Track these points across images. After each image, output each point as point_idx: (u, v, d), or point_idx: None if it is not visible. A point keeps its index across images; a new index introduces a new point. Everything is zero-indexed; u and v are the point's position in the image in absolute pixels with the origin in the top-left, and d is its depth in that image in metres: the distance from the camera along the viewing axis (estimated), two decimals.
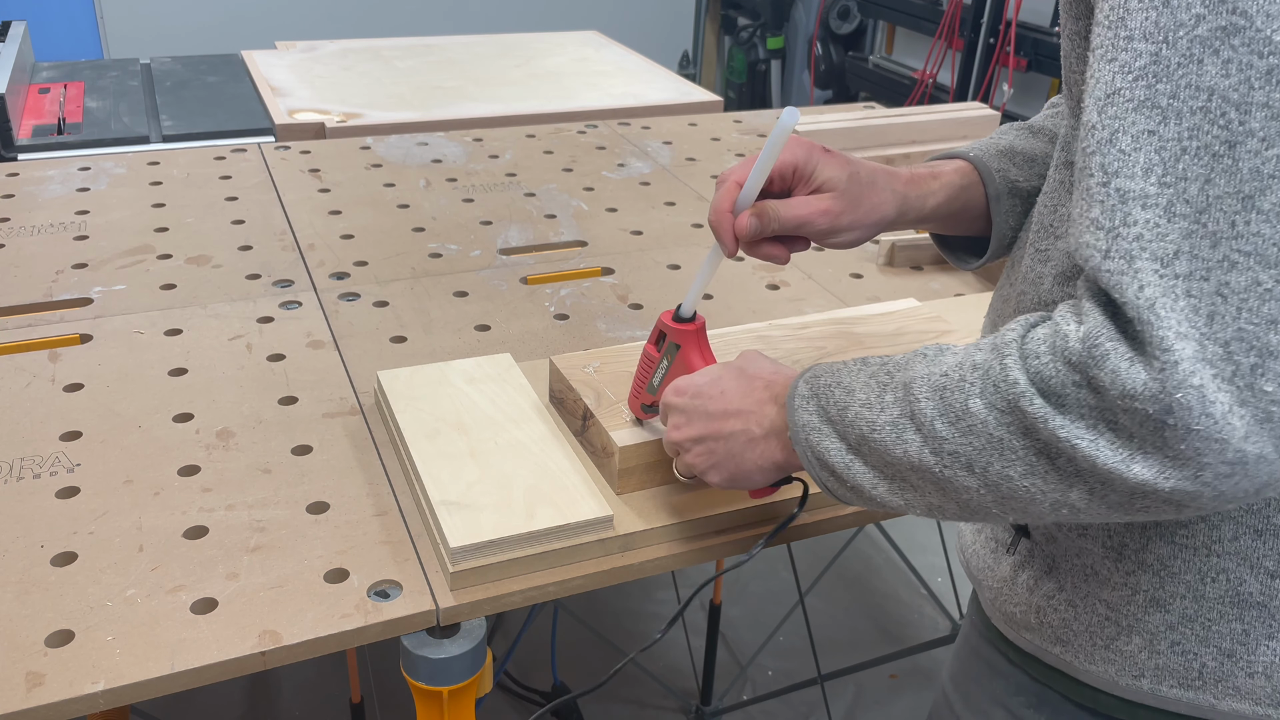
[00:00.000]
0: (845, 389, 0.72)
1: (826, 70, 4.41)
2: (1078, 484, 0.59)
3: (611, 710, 2.10)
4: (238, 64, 2.35)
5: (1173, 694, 0.74)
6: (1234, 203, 0.54)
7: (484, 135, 1.94)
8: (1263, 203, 0.53)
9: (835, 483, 0.73)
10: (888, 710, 2.16)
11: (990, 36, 3.42)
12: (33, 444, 1.02)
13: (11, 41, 2.11)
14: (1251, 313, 0.53)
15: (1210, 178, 0.54)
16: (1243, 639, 0.71)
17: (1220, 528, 0.69)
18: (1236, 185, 0.54)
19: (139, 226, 1.50)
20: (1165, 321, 0.54)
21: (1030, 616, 0.80)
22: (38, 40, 2.62)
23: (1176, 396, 0.53)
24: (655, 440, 0.94)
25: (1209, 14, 0.54)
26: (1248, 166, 0.53)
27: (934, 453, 0.65)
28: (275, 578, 0.86)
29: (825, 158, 0.85)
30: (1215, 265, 0.54)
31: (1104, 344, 0.56)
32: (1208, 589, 0.70)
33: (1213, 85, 0.54)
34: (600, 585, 0.91)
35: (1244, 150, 0.53)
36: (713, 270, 0.89)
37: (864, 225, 0.86)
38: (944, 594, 2.43)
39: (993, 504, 0.65)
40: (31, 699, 0.74)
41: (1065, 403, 0.58)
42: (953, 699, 0.92)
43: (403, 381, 1.06)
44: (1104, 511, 0.60)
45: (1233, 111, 0.53)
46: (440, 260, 1.44)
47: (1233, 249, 0.54)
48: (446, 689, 0.86)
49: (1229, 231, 0.54)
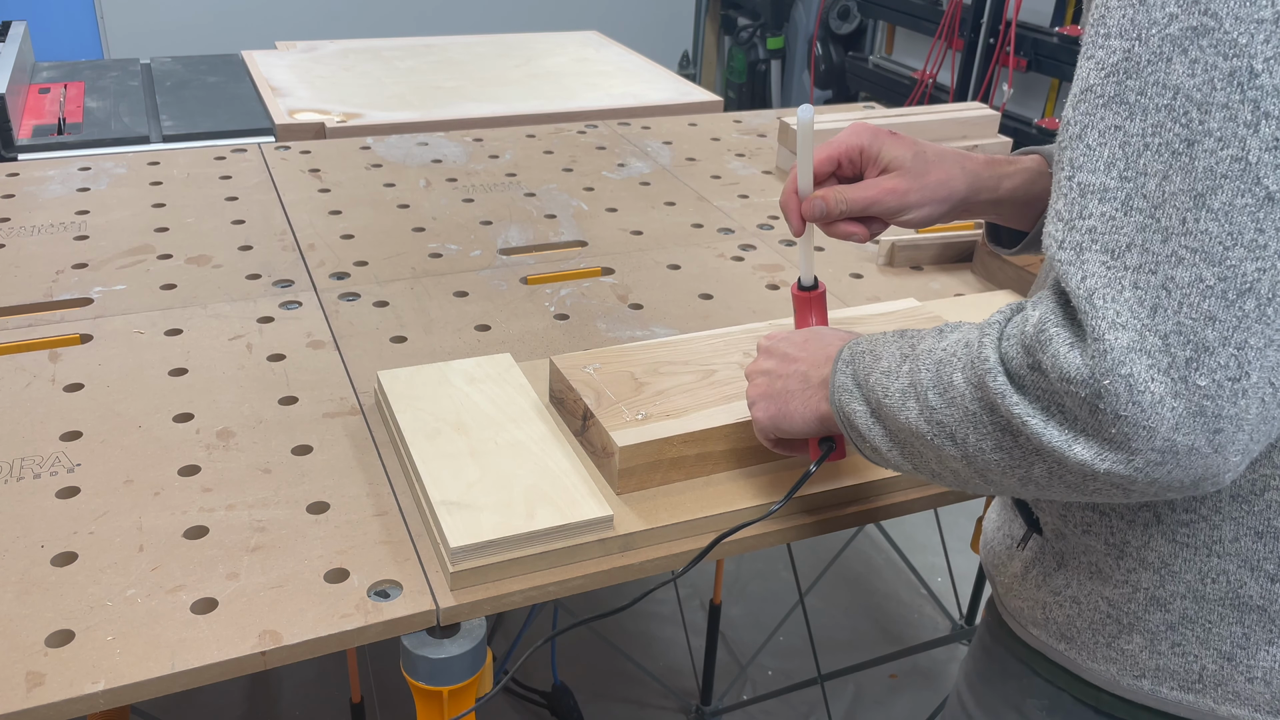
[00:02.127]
0: (874, 356, 0.75)
1: (826, 70, 4.41)
2: (1038, 461, 0.62)
3: (611, 710, 2.10)
4: (238, 64, 2.35)
5: (1173, 696, 0.74)
6: (1187, 200, 0.55)
7: (484, 135, 1.94)
8: (1213, 201, 0.54)
9: (860, 441, 0.77)
10: (888, 710, 2.16)
11: (990, 36, 3.42)
12: (33, 444, 1.02)
13: (11, 41, 2.11)
14: (1192, 308, 0.54)
15: (1168, 174, 0.55)
16: (1243, 643, 0.71)
17: (1221, 528, 0.69)
18: (1191, 183, 0.55)
19: (139, 226, 1.50)
20: (1101, 312, 0.56)
21: (1037, 612, 0.80)
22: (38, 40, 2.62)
23: (1105, 383, 0.55)
24: (655, 440, 0.94)
25: (1181, 13, 0.55)
26: (1203, 165, 0.54)
27: (927, 421, 0.68)
28: (275, 578, 0.86)
29: (891, 140, 0.90)
30: (1164, 260, 0.55)
31: (1049, 329, 0.58)
32: (1208, 590, 0.70)
33: (1179, 84, 0.55)
34: (600, 585, 0.91)
35: (1201, 149, 0.54)
36: (807, 246, 0.94)
37: (933, 201, 0.90)
38: (944, 594, 2.43)
39: (974, 474, 0.67)
40: (32, 699, 0.74)
41: (1023, 384, 0.60)
42: (966, 699, 0.92)
43: (403, 381, 1.06)
44: (1064, 489, 0.63)
45: (1195, 111, 0.54)
46: (440, 260, 1.44)
47: (1181, 245, 0.55)
48: (446, 689, 0.86)
49: (1179, 228, 0.55)
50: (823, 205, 0.90)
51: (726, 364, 1.05)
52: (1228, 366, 0.54)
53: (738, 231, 1.58)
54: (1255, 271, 0.54)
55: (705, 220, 1.61)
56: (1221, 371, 0.54)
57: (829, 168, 0.92)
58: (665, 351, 1.07)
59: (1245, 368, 0.54)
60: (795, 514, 0.97)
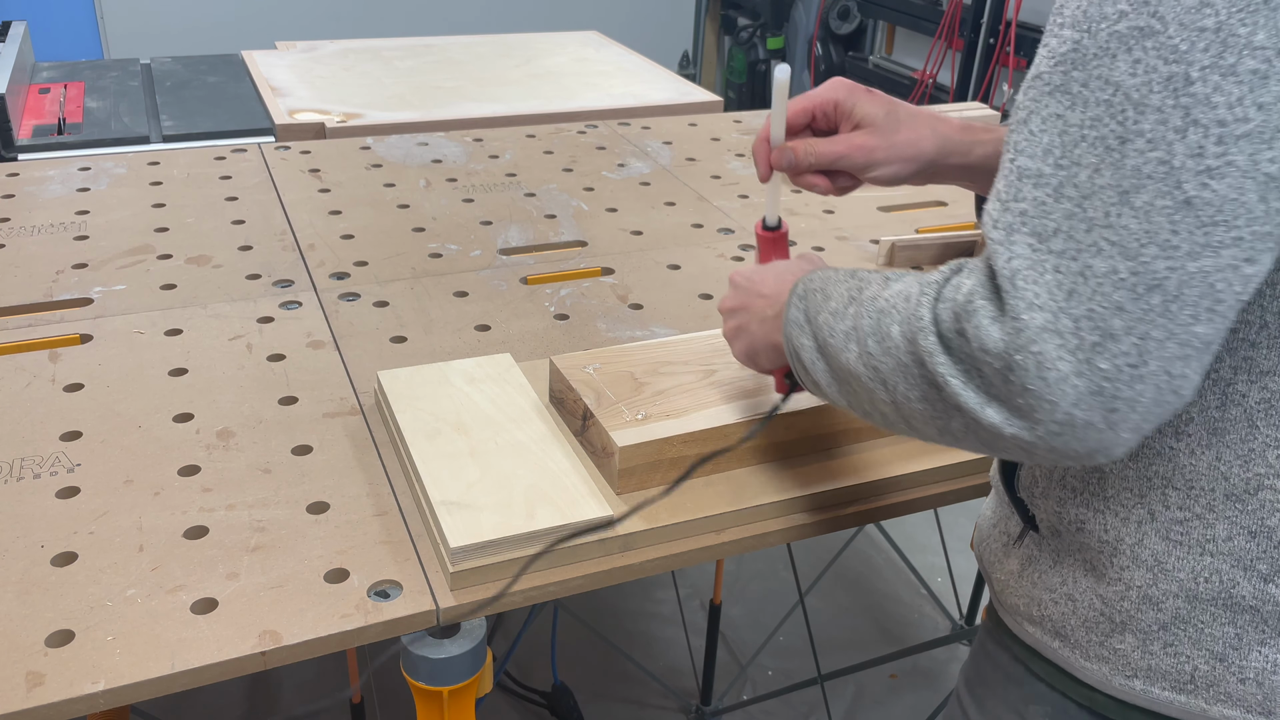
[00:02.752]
0: (825, 295, 0.78)
1: (826, 70, 4.41)
2: (956, 416, 0.65)
3: (611, 710, 2.10)
4: (238, 64, 2.35)
5: (1164, 696, 0.74)
6: (1113, 195, 0.57)
7: (484, 135, 1.94)
8: (1136, 200, 0.56)
9: (804, 375, 0.80)
10: (888, 710, 2.16)
11: (990, 36, 3.42)
12: (33, 444, 1.02)
13: (11, 41, 2.11)
14: (1104, 297, 0.58)
15: (1099, 167, 0.58)
16: (1235, 643, 0.71)
17: (1215, 527, 0.69)
18: (1118, 179, 0.57)
19: (139, 226, 1.50)
20: (1022, 292, 0.59)
21: (1033, 609, 0.80)
22: (38, 40, 2.62)
23: (1017, 358, 0.59)
24: (655, 440, 0.94)
25: (1131, 11, 0.56)
26: (1131, 164, 0.56)
27: (864, 365, 0.71)
28: (275, 578, 0.86)
29: (866, 96, 0.94)
30: (1085, 249, 0.58)
31: (977, 301, 0.62)
32: (1201, 589, 0.70)
33: (1120, 81, 0.57)
34: (600, 585, 0.91)
35: (1131, 148, 0.56)
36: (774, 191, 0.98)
37: (900, 160, 0.93)
38: (944, 594, 2.43)
39: (899, 419, 0.71)
40: (32, 699, 0.75)
41: (950, 346, 0.64)
42: (966, 703, 0.92)
43: (403, 381, 1.06)
44: (977, 444, 0.67)
45: (1131, 109, 0.56)
46: (440, 260, 1.44)
47: (1102, 237, 0.58)
48: (446, 689, 0.86)
49: (1103, 220, 0.58)
50: (791, 156, 0.93)
51: (726, 364, 1.05)
52: (1129, 354, 0.58)
53: (738, 231, 1.58)
54: (1166, 270, 0.56)
55: (705, 220, 1.61)
56: (1123, 358, 0.58)
57: (804, 119, 0.95)
58: (665, 351, 1.07)
59: (1145, 356, 0.58)
60: (795, 514, 0.97)
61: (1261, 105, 0.54)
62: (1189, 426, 0.69)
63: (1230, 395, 0.67)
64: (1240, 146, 0.55)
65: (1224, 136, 0.55)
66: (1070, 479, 0.76)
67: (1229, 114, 0.54)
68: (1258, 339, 0.65)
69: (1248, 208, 0.55)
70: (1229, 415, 0.67)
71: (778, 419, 0.99)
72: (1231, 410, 0.67)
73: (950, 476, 1.04)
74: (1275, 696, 0.71)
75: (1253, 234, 0.56)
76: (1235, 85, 0.54)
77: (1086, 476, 0.75)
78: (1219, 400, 0.67)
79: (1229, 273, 0.56)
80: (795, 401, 1.00)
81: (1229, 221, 0.55)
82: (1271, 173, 0.55)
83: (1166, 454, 0.70)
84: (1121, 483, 0.73)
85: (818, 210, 1.66)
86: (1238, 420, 0.67)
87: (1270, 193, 0.55)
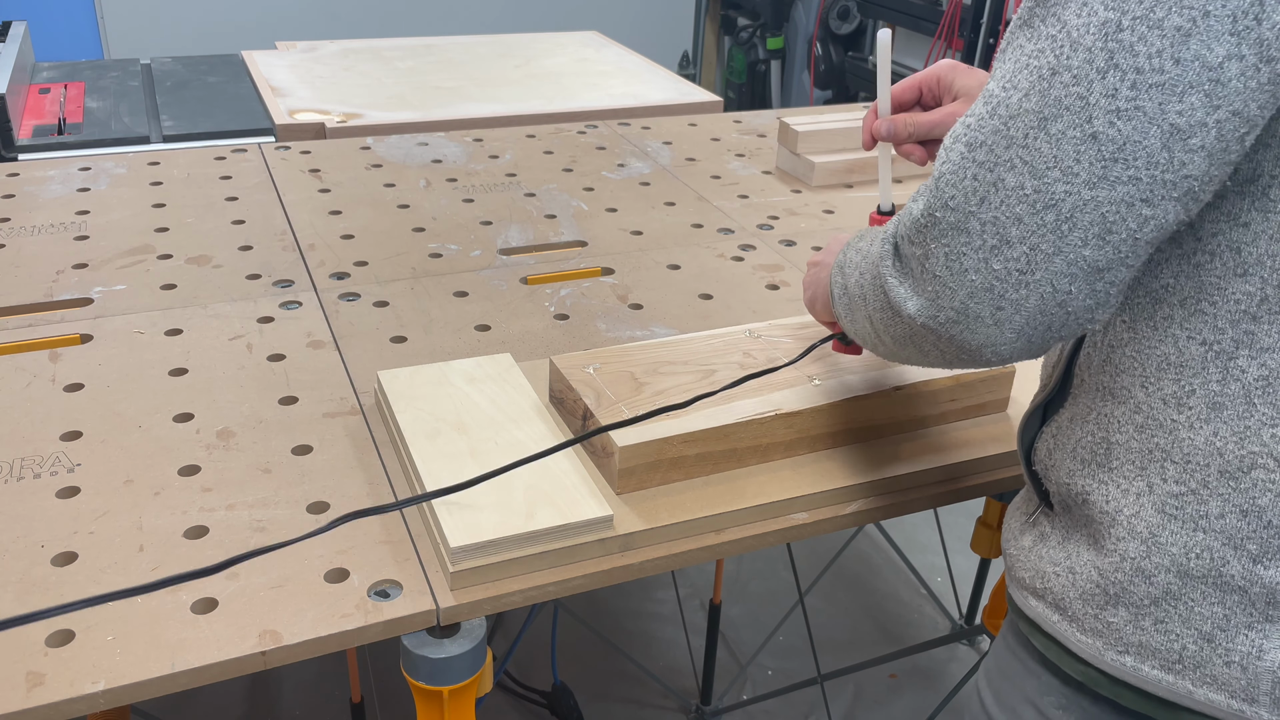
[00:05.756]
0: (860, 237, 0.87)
1: (826, 70, 4.41)
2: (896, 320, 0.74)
3: (611, 710, 2.11)
4: (238, 64, 2.35)
5: (1153, 675, 0.74)
6: (1034, 119, 0.63)
7: (484, 135, 1.94)
8: (1051, 127, 0.62)
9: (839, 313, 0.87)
10: (888, 710, 2.16)
11: (990, 36, 3.42)
12: (33, 444, 1.02)
13: (11, 41, 2.11)
14: (1007, 207, 0.64)
15: (1029, 93, 0.63)
16: (1223, 624, 0.71)
17: (1209, 503, 0.70)
18: (1041, 106, 0.63)
19: (139, 226, 1.50)
20: (942, 193, 0.67)
21: (1037, 582, 0.82)
22: (38, 40, 2.62)
23: (931, 247, 0.68)
24: (655, 440, 0.94)
25: None
26: (1054, 95, 0.62)
27: (858, 287, 0.81)
28: (275, 578, 0.86)
29: (966, 71, 1.03)
30: (1001, 162, 0.64)
31: (915, 202, 0.70)
32: (1192, 565, 0.71)
33: (1067, 19, 0.62)
34: (600, 585, 0.91)
35: (1058, 80, 0.62)
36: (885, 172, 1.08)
37: None
38: (944, 594, 2.43)
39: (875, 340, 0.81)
40: (32, 699, 0.75)
41: (898, 253, 0.73)
42: (984, 694, 0.93)
43: (403, 381, 1.06)
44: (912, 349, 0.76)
45: (1068, 46, 0.62)
46: (440, 260, 1.44)
47: (1017, 155, 0.64)
48: (446, 689, 0.86)
49: (1021, 140, 0.64)
50: (890, 125, 1.04)
51: (726, 364, 1.05)
52: (1019, 260, 0.65)
53: (738, 231, 1.58)
54: (1063, 192, 0.63)
55: (705, 220, 1.61)
56: (1013, 263, 0.65)
57: (912, 95, 1.05)
58: (665, 351, 1.07)
59: (1032, 266, 0.65)
60: (795, 514, 0.97)
61: (1179, 60, 0.58)
62: (1190, 399, 0.70)
63: (1231, 370, 0.68)
64: (1151, 95, 0.59)
65: (1138, 83, 0.59)
66: (1080, 449, 0.77)
67: (1148, 63, 0.59)
68: (1259, 313, 0.66)
69: (1149, 151, 0.60)
70: (1228, 390, 0.68)
71: (778, 419, 0.99)
72: (1231, 385, 0.68)
73: (950, 476, 1.04)
74: (1259, 683, 0.71)
75: (1151, 178, 0.61)
76: (1159, 38, 0.58)
77: (1095, 447, 0.76)
78: (1220, 374, 0.68)
79: (1122, 208, 0.62)
80: (795, 401, 1.00)
81: (1128, 159, 0.61)
82: (1178, 124, 0.59)
83: (1168, 426, 0.71)
84: (1126, 454, 0.74)
85: (818, 210, 1.66)
86: (1236, 396, 0.68)
87: (1174, 142, 0.60)
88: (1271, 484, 0.68)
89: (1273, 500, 0.68)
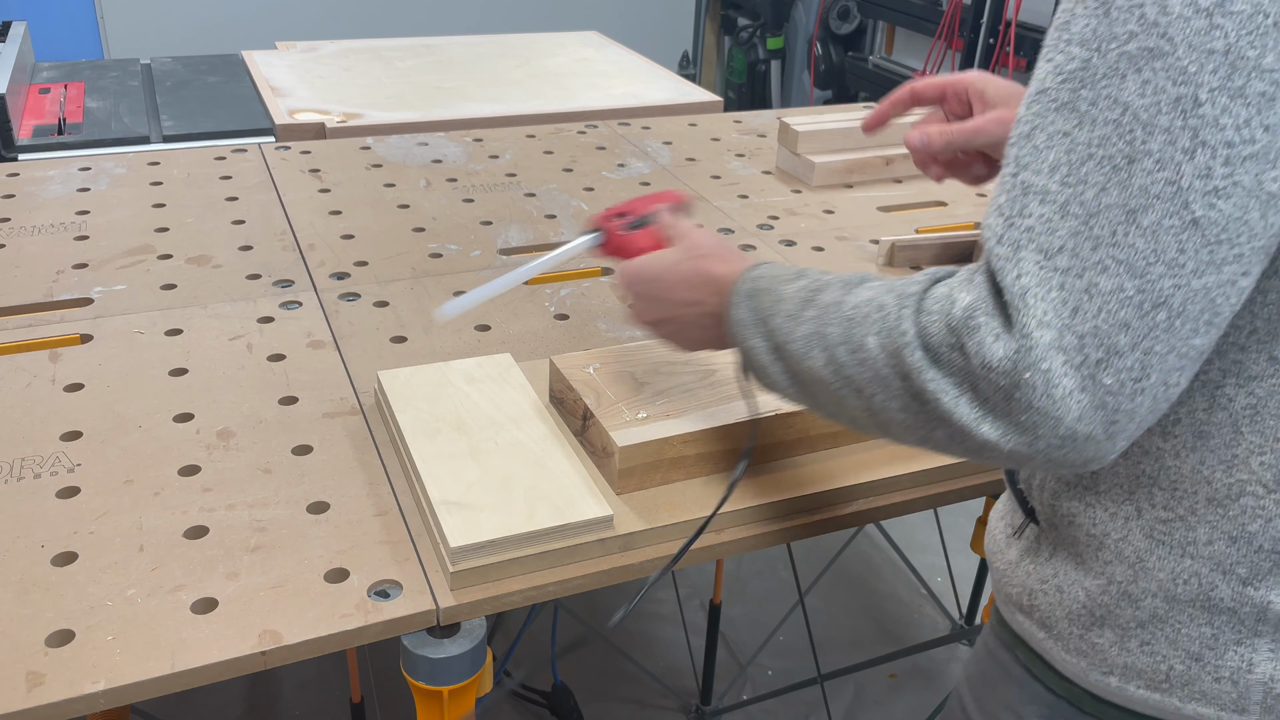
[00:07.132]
0: (776, 297, 0.78)
1: (826, 70, 4.41)
2: (940, 427, 0.66)
3: (611, 710, 2.11)
4: (238, 64, 2.35)
5: (1139, 694, 0.74)
6: (1119, 214, 0.58)
7: (484, 135, 1.94)
8: (1143, 219, 0.57)
9: (758, 374, 0.80)
10: (888, 710, 2.16)
11: (990, 36, 3.42)
12: (33, 444, 1.02)
13: (11, 41, 2.11)
14: (1109, 314, 0.58)
15: (1106, 186, 0.58)
16: (1211, 643, 0.71)
17: (1197, 530, 0.70)
18: (1125, 199, 0.57)
19: (139, 226, 1.50)
20: (1031, 310, 0.59)
21: (1024, 598, 0.81)
22: (38, 40, 2.62)
23: (1025, 376, 0.60)
24: (655, 440, 0.94)
25: (1141, 33, 0.56)
26: (1138, 184, 0.57)
27: (833, 373, 0.71)
28: (275, 577, 0.86)
29: (997, 80, 0.99)
30: (1090, 266, 0.59)
31: (979, 317, 0.62)
32: (1179, 591, 0.71)
33: (1129, 101, 0.57)
34: (600, 585, 0.91)
35: (1139, 168, 0.57)
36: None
37: None
38: (944, 594, 2.43)
39: (874, 427, 0.72)
40: (32, 699, 0.75)
41: (940, 359, 0.64)
42: (966, 701, 0.93)
43: (403, 381, 1.06)
44: (960, 452, 0.67)
45: (1139, 130, 0.57)
46: (440, 260, 1.44)
47: (1108, 255, 0.58)
48: (446, 689, 0.86)
49: (1109, 239, 0.58)
50: (923, 136, 0.99)
51: (726, 364, 1.05)
52: (1133, 369, 0.59)
53: (738, 231, 1.58)
54: (1171, 288, 0.58)
55: (705, 220, 1.61)
56: (1127, 373, 0.59)
57: (935, 93, 1.02)
58: (665, 351, 1.07)
59: (1148, 370, 0.59)
60: (795, 514, 0.97)
61: (1268, 127, 0.55)
62: (1176, 428, 0.69)
63: (1218, 399, 0.67)
64: (1246, 167, 0.55)
65: (1231, 158, 0.55)
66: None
67: (1236, 135, 0.55)
68: (1247, 343, 0.66)
69: (1250, 225, 0.57)
70: (1215, 419, 0.68)
71: (777, 419, 0.99)
72: (1218, 414, 0.67)
73: (950, 476, 1.04)
74: (1249, 695, 0.71)
75: (1252, 250, 0.58)
76: (1243, 107, 0.55)
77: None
78: (1206, 403, 0.68)
79: (1228, 287, 0.58)
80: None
81: (1233, 239, 0.57)
82: (1274, 190, 0.56)
83: (1154, 453, 0.70)
84: (1113, 478, 0.73)
85: (818, 210, 1.66)
86: (1223, 425, 0.67)
87: (1270, 210, 0.57)
88: (1261, 510, 0.68)
89: (1263, 526, 0.68)
